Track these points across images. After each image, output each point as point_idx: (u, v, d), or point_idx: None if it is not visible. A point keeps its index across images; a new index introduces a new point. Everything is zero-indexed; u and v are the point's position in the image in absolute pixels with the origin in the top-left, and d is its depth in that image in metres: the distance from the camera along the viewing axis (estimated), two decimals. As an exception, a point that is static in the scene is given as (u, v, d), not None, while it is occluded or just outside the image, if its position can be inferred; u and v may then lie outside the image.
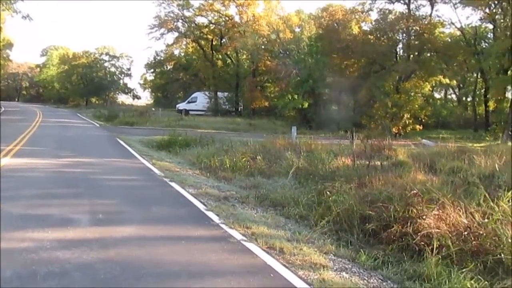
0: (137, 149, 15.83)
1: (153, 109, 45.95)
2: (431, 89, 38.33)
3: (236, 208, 7.72)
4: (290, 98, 34.54)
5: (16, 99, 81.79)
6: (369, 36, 28.89)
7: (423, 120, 25.94)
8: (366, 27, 33.26)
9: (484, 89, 32.97)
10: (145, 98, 74.00)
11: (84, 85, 65.40)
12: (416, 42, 26.53)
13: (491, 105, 29.66)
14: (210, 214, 6.97)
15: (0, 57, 41.24)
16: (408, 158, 12.91)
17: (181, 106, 46.73)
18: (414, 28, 26.58)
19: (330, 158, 12.54)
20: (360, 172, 10.33)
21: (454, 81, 42.87)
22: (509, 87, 24.83)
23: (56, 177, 9.37)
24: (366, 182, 9.15)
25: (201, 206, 7.49)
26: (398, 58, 27.86)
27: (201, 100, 45.42)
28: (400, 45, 28.33)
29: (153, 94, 69.12)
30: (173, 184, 9.32)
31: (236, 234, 5.95)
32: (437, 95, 47.70)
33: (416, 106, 25.71)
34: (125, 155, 14.35)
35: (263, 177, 11.32)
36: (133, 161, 12.79)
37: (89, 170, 10.63)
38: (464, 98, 47.09)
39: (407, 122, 25.31)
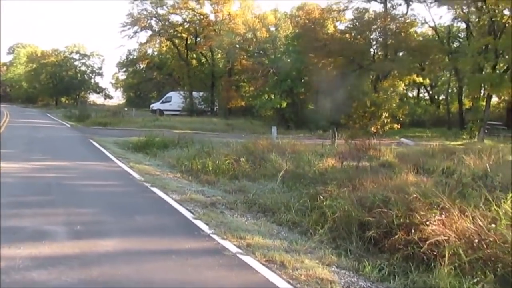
0: (113, 151, 15.12)
1: (126, 109, 44.83)
2: (404, 88, 38.72)
3: (225, 215, 7.25)
4: (267, 97, 34.21)
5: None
6: (346, 35, 28.77)
7: (400, 119, 26.01)
8: (342, 26, 33.27)
9: (458, 88, 33.40)
10: (117, 97, 72.28)
11: (54, 85, 63.23)
12: (393, 41, 26.57)
13: (467, 103, 30.01)
14: (199, 223, 6.48)
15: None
16: (394, 159, 12.70)
17: (156, 106, 45.76)
18: (390, 27, 26.62)
19: (316, 159, 12.22)
20: (350, 174, 10.03)
21: (428, 80, 43.46)
22: (484, 86, 25.12)
23: (26, 183, 8.68)
24: (357, 184, 8.87)
25: (188, 214, 6.99)
26: (375, 57, 27.85)
27: (175, 100, 44.55)
28: (377, 44, 28.28)
29: (125, 93, 67.53)
30: (155, 189, 8.76)
31: (230, 246, 5.49)
32: (409, 94, 48.30)
33: (394, 105, 25.76)
34: (100, 157, 13.64)
35: (248, 180, 10.90)
36: (110, 165, 12.13)
37: (63, 174, 9.94)
38: (436, 97, 47.83)
39: (385, 121, 25.31)
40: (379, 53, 27.41)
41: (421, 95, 51.83)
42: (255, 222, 7.15)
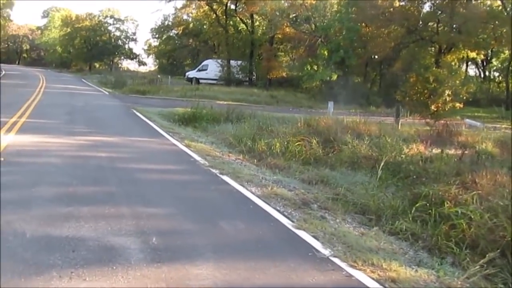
0: (160, 124, 13.69)
1: (159, 76, 43.42)
2: (456, 63, 35.85)
3: (327, 221, 5.66)
4: (310, 68, 32.13)
5: (17, 62, 78.89)
6: (407, 2, 26.07)
7: (464, 98, 23.59)
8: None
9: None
10: (149, 64, 71.13)
11: (88, 49, 62.44)
12: (463, 9, 23.81)
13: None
14: (306, 236, 4.90)
15: (0, 16, 38.45)
16: (493, 147, 10.79)
17: (191, 74, 44.11)
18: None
19: (399, 144, 10.45)
20: (455, 167, 8.25)
21: (481, 55, 40.22)
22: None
23: (76, 165, 7.26)
24: (469, 182, 7.15)
25: (283, 220, 5.41)
26: (438, 27, 25.26)
27: (212, 68, 42.77)
28: (442, 13, 25.36)
29: (158, 60, 66.06)
30: (226, 178, 7.22)
31: (368, 281, 3.90)
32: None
33: (458, 81, 23.30)
34: (149, 132, 12.22)
35: (321, 166, 9.31)
36: (162, 142, 10.66)
37: (115, 154, 8.52)
38: (488, 74, 44.54)
39: (447, 99, 22.96)
40: (444, 23, 24.74)
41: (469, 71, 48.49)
42: (366, 232, 5.54)
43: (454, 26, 23.72)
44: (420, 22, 25.40)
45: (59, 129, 11.00)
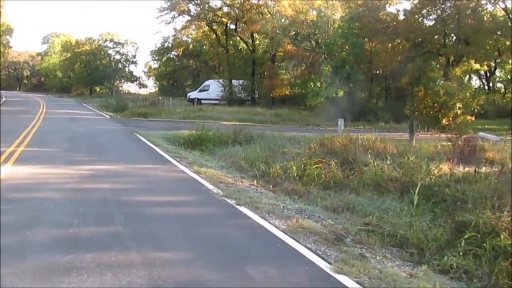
0: (165, 149, 13.00)
1: (160, 98, 42.91)
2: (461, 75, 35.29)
3: (368, 260, 4.90)
4: (313, 85, 31.64)
5: (18, 89, 78.90)
6: (413, 15, 25.61)
7: (475, 110, 22.96)
8: (406, 5, 30.02)
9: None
10: (150, 86, 70.84)
11: (88, 74, 62.30)
12: (471, 20, 23.29)
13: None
14: (348, 282, 4.15)
15: (0, 43, 38.22)
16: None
17: (193, 95, 43.61)
18: (467, 4, 23.32)
19: (424, 164, 9.69)
20: (497, 188, 7.49)
21: (485, 67, 39.77)
22: None
23: (77, 200, 6.53)
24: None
25: (318, 261, 4.65)
26: (445, 40, 24.75)
27: (214, 88, 42.27)
28: (449, 24, 24.80)
29: (158, 82, 65.73)
30: (245, 210, 6.48)
31: None
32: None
33: (468, 94, 22.71)
34: (155, 158, 11.52)
35: (344, 191, 8.59)
36: (170, 168, 9.94)
37: (119, 185, 7.80)
38: (492, 85, 44.00)
39: (458, 112, 22.34)
40: (451, 35, 24.22)
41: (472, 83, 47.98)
42: (414, 271, 4.79)
43: (462, 37, 23.18)
44: (426, 35, 24.86)
45: (59, 158, 10.30)
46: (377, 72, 29.41)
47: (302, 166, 9.72)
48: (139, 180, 8.36)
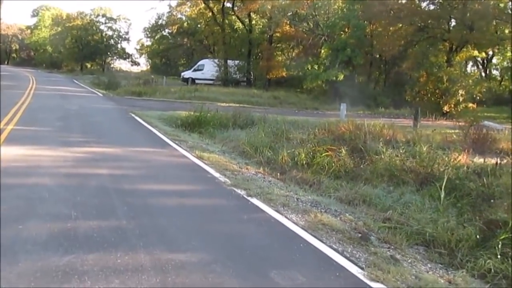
0: (163, 131, 12.41)
1: (153, 76, 41.90)
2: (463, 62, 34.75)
3: (401, 264, 4.43)
4: (312, 68, 30.96)
5: (6, 63, 76.76)
6: (419, -1, 24.88)
7: (477, 98, 22.55)
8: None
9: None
10: (142, 64, 69.37)
11: (79, 49, 60.52)
12: (478, 5, 22.61)
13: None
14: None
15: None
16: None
17: (187, 74, 42.66)
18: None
19: (436, 153, 9.24)
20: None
21: (483, 54, 39.33)
22: None
23: (73, 188, 5.96)
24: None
25: (348, 265, 4.17)
26: (449, 25, 24.13)
27: (208, 68, 41.33)
28: (454, 9, 24.04)
29: (150, 60, 64.28)
30: (257, 202, 5.97)
31: None
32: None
33: (471, 81, 22.26)
34: (153, 140, 10.92)
35: (357, 181, 8.15)
36: (170, 152, 9.37)
37: (118, 171, 7.23)
38: (488, 72, 43.65)
39: (460, 99, 21.91)
40: (455, 20, 23.59)
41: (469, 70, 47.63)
42: (450, 276, 4.34)
43: (466, 23, 22.58)
44: (430, 20, 24.21)
45: (52, 139, 9.67)
46: (378, 56, 28.78)
47: (311, 153, 9.22)
48: (140, 166, 7.78)
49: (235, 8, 39.80)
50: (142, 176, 6.98)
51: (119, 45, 64.22)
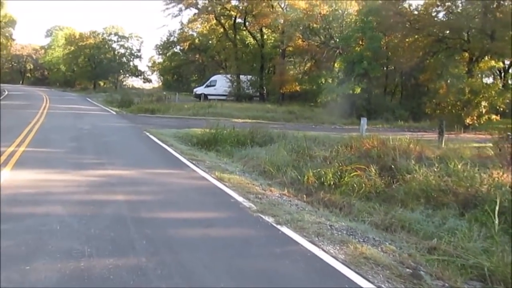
0: (179, 150, 11.94)
1: (165, 93, 41.79)
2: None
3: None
4: (326, 81, 30.52)
5: (21, 82, 77.88)
6: (437, 8, 24.27)
7: (501, 109, 21.77)
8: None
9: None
10: (153, 81, 69.64)
11: (92, 68, 61.19)
12: (499, 14, 21.96)
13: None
14: None
15: (0, 35, 37.15)
16: None
17: (199, 90, 42.55)
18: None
19: (472, 171, 8.57)
20: None
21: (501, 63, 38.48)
22: None
23: (87, 217, 5.46)
24: None
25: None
26: (469, 34, 23.47)
27: (221, 83, 41.16)
28: (474, 18, 23.37)
29: (162, 77, 64.46)
30: (288, 232, 5.40)
31: None
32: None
33: (493, 92, 21.51)
34: (170, 160, 10.44)
35: (390, 203, 7.55)
36: (189, 174, 8.85)
37: (135, 196, 6.71)
38: (505, 82, 42.65)
39: (482, 111, 21.16)
40: (475, 29, 22.93)
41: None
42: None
43: (488, 32, 21.93)
44: (449, 30, 23.63)
45: (64, 161, 9.24)
46: (393, 68, 28.19)
47: (338, 173, 8.63)
48: (157, 190, 7.27)
49: (247, 24, 39.67)
50: (161, 202, 6.45)
51: (131, 63, 64.70)
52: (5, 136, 11.90)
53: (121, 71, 63.86)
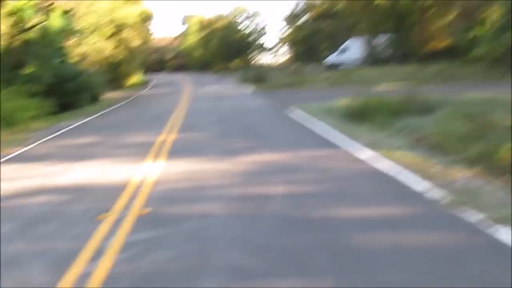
0: (328, 125, 10.90)
1: (295, 65, 40.83)
2: None
3: None
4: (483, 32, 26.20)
5: (164, 70, 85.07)
6: None
7: None
8: None
9: None
10: (284, 54, 69.45)
11: (224, 49, 63.57)
12: None
13: None
14: None
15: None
16: None
17: (332, 58, 40.69)
18: None
19: None
20: None
21: None
22: None
23: (248, 218, 4.67)
24: None
25: None
26: None
27: (354, 48, 38.80)
28: None
29: (292, 48, 63.73)
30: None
31: None
32: None
33: None
34: (322, 139, 9.37)
35: None
36: (348, 154, 7.62)
37: (296, 187, 5.76)
38: None
39: None
40: None
41: None
42: None
43: None
44: None
45: (213, 147, 8.83)
46: None
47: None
48: (319, 178, 6.24)
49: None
50: (327, 195, 5.39)
51: (259, 40, 65.54)
52: (154, 123, 12.14)
53: (251, 49, 65.17)
